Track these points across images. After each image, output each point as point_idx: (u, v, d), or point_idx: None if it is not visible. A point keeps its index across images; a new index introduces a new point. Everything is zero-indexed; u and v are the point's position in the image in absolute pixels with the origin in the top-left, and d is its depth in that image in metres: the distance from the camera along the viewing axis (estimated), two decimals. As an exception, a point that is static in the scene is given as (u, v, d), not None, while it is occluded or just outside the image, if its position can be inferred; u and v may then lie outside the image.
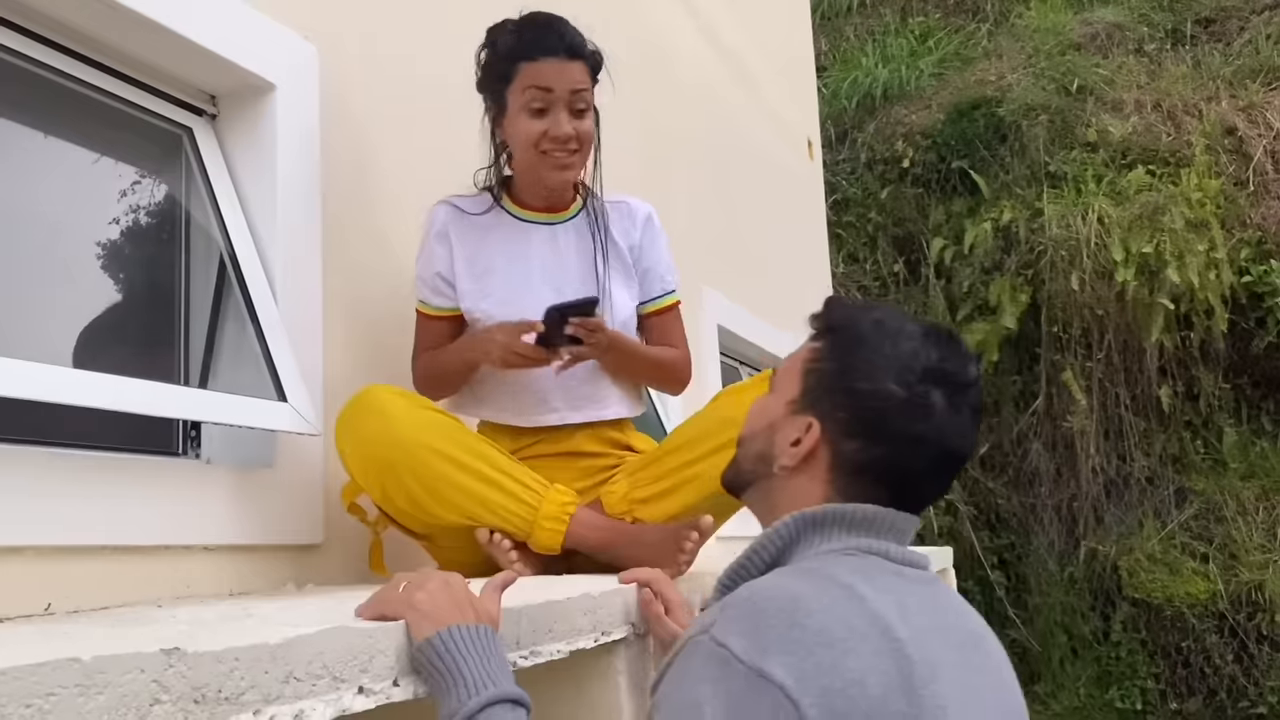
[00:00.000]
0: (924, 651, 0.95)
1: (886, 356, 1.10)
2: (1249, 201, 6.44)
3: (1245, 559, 5.65)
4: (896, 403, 1.08)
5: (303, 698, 0.86)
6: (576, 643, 1.29)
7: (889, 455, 1.09)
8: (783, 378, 1.19)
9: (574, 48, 1.70)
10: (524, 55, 1.69)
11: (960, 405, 1.10)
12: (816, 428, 1.11)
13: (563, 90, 1.68)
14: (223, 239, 1.66)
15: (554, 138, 1.69)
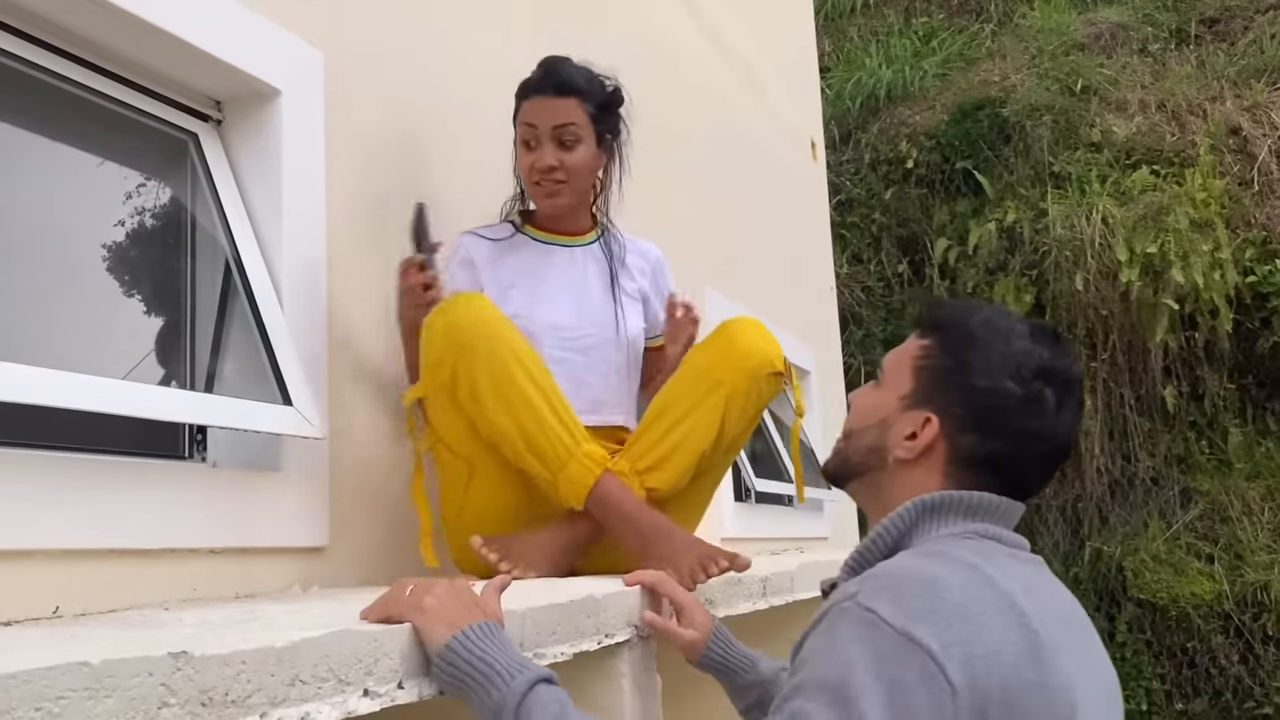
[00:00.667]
0: (1047, 627, 1.02)
1: (1001, 354, 1.15)
2: (1253, 201, 6.44)
3: (1251, 559, 5.65)
4: (1014, 400, 1.14)
5: (308, 700, 0.87)
6: (580, 645, 1.30)
7: (1005, 449, 1.14)
8: (892, 373, 1.23)
9: (562, 85, 1.83)
10: (523, 94, 1.87)
11: (1068, 401, 1.16)
12: (935, 422, 1.16)
13: (545, 126, 1.83)
14: (228, 244, 1.67)
15: (538, 169, 1.84)
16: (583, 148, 1.85)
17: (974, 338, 1.18)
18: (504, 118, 1.96)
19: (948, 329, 1.21)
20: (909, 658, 0.96)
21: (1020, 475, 1.16)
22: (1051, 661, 1.00)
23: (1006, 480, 1.16)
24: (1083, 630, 1.12)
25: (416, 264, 1.72)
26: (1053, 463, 1.19)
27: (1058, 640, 1.02)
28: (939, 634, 0.97)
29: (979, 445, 1.15)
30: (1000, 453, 1.15)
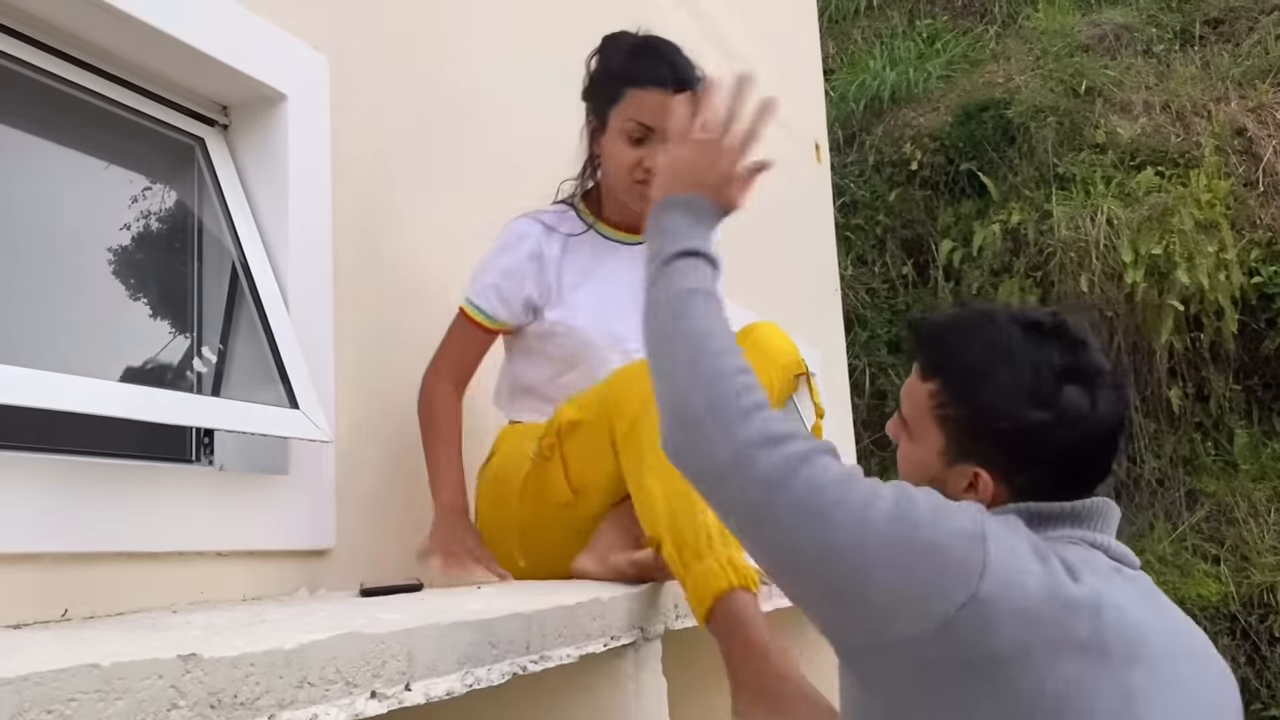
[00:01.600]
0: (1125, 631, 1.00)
1: (1012, 385, 1.10)
2: (1259, 202, 6.43)
3: (1257, 561, 5.63)
4: (1047, 425, 1.09)
5: (316, 702, 0.87)
6: (586, 647, 1.30)
7: (1064, 464, 1.11)
8: (917, 425, 1.18)
9: (683, 81, 1.69)
10: (633, 80, 1.72)
11: (1099, 387, 1.10)
12: (985, 475, 1.12)
13: (663, 125, 1.66)
14: (235, 248, 1.67)
15: (649, 169, 1.68)
16: None
17: (977, 374, 1.12)
18: (508, 119, 1.97)
19: (948, 372, 1.16)
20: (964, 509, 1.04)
21: (1092, 470, 1.13)
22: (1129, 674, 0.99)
23: (1082, 480, 1.13)
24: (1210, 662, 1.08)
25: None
26: (1115, 441, 1.14)
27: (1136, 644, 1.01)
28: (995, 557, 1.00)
29: (1036, 475, 1.12)
30: (1061, 469, 1.12)
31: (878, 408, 6.97)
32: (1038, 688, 0.97)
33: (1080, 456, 1.12)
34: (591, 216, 1.84)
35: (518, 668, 1.15)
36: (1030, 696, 0.97)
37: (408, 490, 1.87)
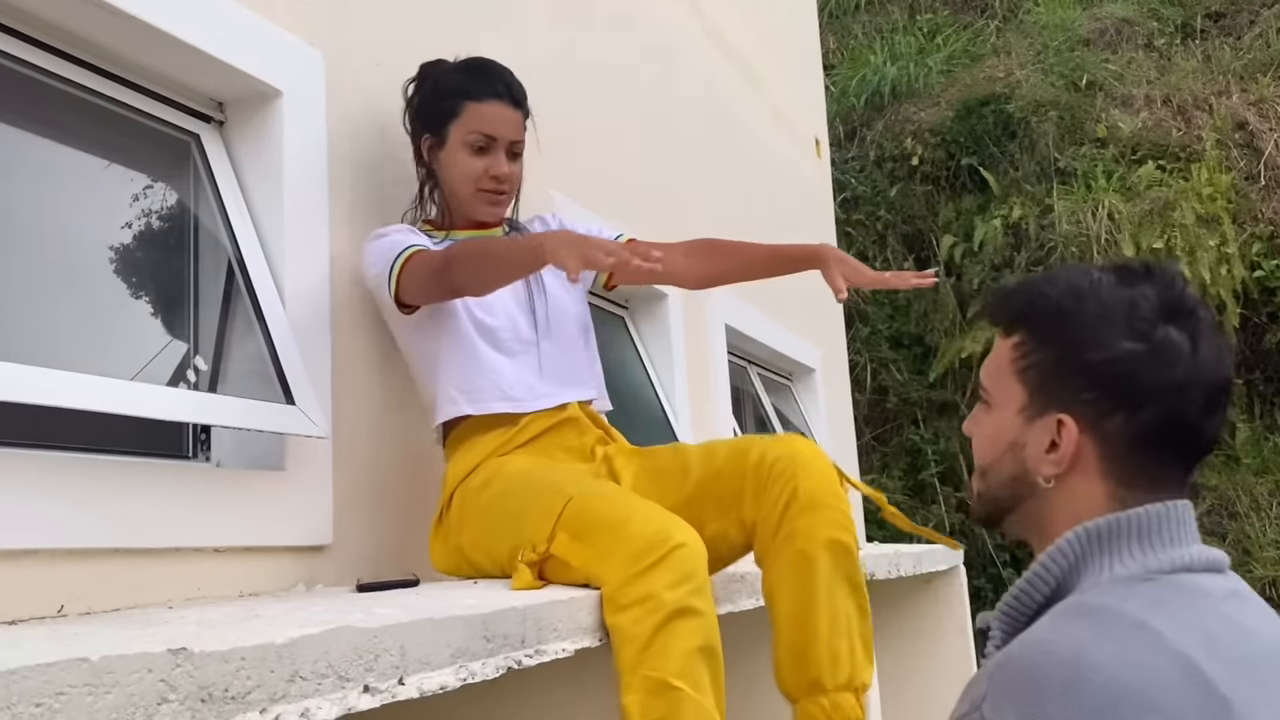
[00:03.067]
0: (1239, 689, 0.85)
1: (1103, 317, 1.00)
2: (1260, 196, 6.42)
3: (1259, 555, 5.63)
4: (1141, 357, 0.98)
5: (308, 696, 0.88)
6: (582, 642, 1.30)
7: (1157, 414, 0.98)
8: (996, 388, 1.08)
9: (518, 98, 1.82)
10: (471, 95, 1.80)
11: (1198, 331, 1.00)
12: (1070, 422, 1.01)
13: (506, 138, 1.80)
14: (230, 244, 1.68)
15: (494, 176, 1.79)
16: (521, 161, 1.85)
17: (1066, 313, 1.03)
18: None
19: (1033, 316, 1.06)
20: None
21: (1189, 434, 0.99)
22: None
23: (1176, 446, 1.00)
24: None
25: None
26: (1217, 403, 1.01)
27: (1255, 701, 0.86)
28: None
29: (1128, 423, 0.98)
30: (1154, 421, 0.98)
31: (879, 403, 6.97)
32: None
33: (1179, 405, 0.98)
34: (441, 233, 1.84)
35: (512, 662, 1.16)
36: None
37: (405, 486, 1.88)
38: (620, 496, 1.54)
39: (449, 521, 1.71)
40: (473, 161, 1.79)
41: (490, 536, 1.61)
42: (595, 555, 1.40)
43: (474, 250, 1.66)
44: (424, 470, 1.93)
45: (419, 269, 1.67)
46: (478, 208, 1.82)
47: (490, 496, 1.65)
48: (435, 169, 1.84)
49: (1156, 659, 0.85)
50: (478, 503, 1.66)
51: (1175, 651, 0.86)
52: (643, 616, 1.31)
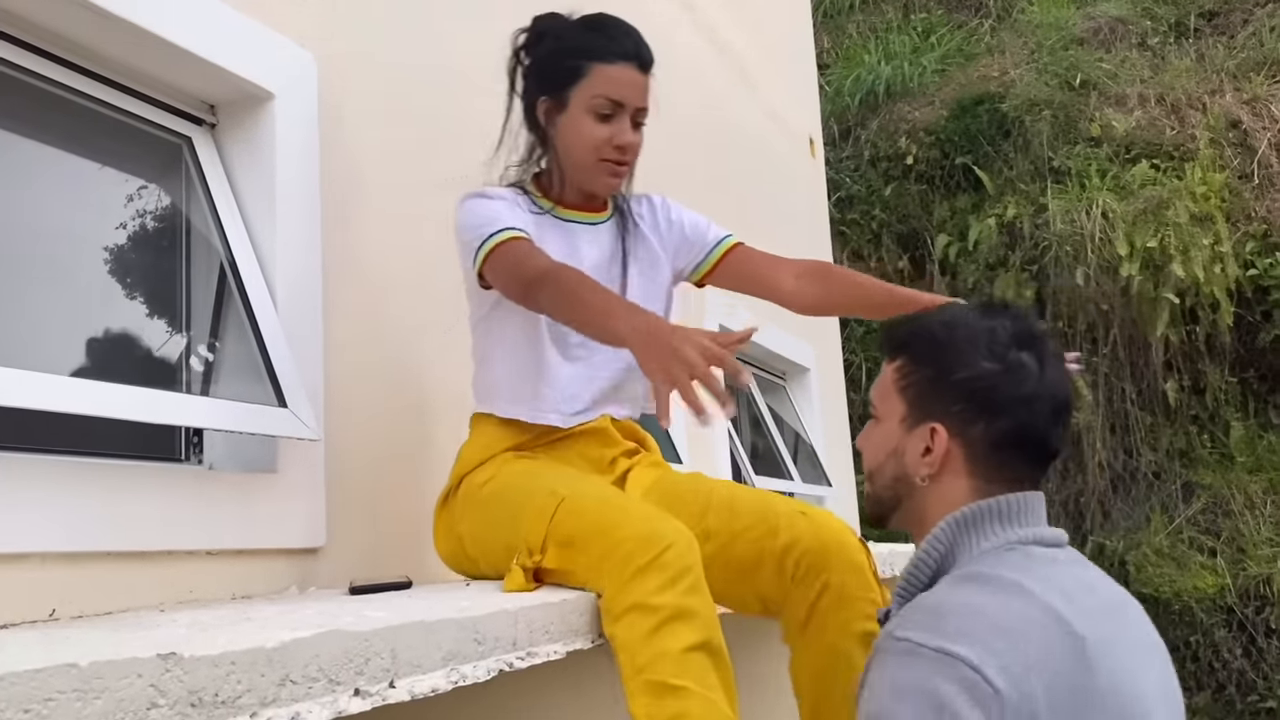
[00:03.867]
0: (1094, 629, 1.07)
1: (968, 342, 1.22)
2: (1253, 194, 6.44)
3: (1253, 553, 5.64)
4: (998, 375, 1.19)
5: (299, 700, 0.88)
6: (574, 644, 1.30)
7: (1012, 423, 1.19)
8: (882, 404, 1.30)
9: (646, 61, 1.68)
10: (597, 56, 1.65)
11: (1046, 357, 1.22)
12: (941, 430, 1.21)
13: (633, 104, 1.66)
14: (223, 247, 1.67)
15: (619, 145, 1.66)
16: (642, 130, 1.71)
17: (939, 340, 1.25)
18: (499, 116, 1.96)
19: (913, 343, 1.28)
20: (948, 669, 1.01)
21: (1038, 441, 1.21)
22: (1101, 662, 1.05)
23: (1028, 452, 1.21)
24: (1125, 620, 1.15)
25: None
26: (1061, 418, 1.22)
27: (1106, 640, 1.07)
28: (976, 647, 1.02)
29: (988, 430, 1.20)
30: (1009, 428, 1.20)
31: (874, 402, 6.95)
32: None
33: (1029, 416, 1.19)
34: (547, 201, 1.73)
35: (504, 664, 1.16)
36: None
37: (399, 488, 1.88)
38: (615, 499, 1.50)
39: (453, 507, 1.67)
40: (596, 128, 1.66)
41: (486, 532, 1.59)
42: (588, 563, 1.38)
43: (570, 291, 1.48)
44: (418, 471, 1.93)
45: (510, 263, 1.57)
46: (597, 179, 1.70)
47: (490, 491, 1.62)
48: (551, 134, 1.71)
49: (1029, 608, 1.07)
50: (479, 495, 1.63)
51: (1043, 603, 1.07)
52: (637, 622, 1.28)
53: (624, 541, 1.35)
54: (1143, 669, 1.11)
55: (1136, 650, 1.12)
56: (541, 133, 1.72)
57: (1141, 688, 1.09)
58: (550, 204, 1.73)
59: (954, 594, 1.12)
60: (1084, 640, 1.05)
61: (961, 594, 1.11)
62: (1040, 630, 1.04)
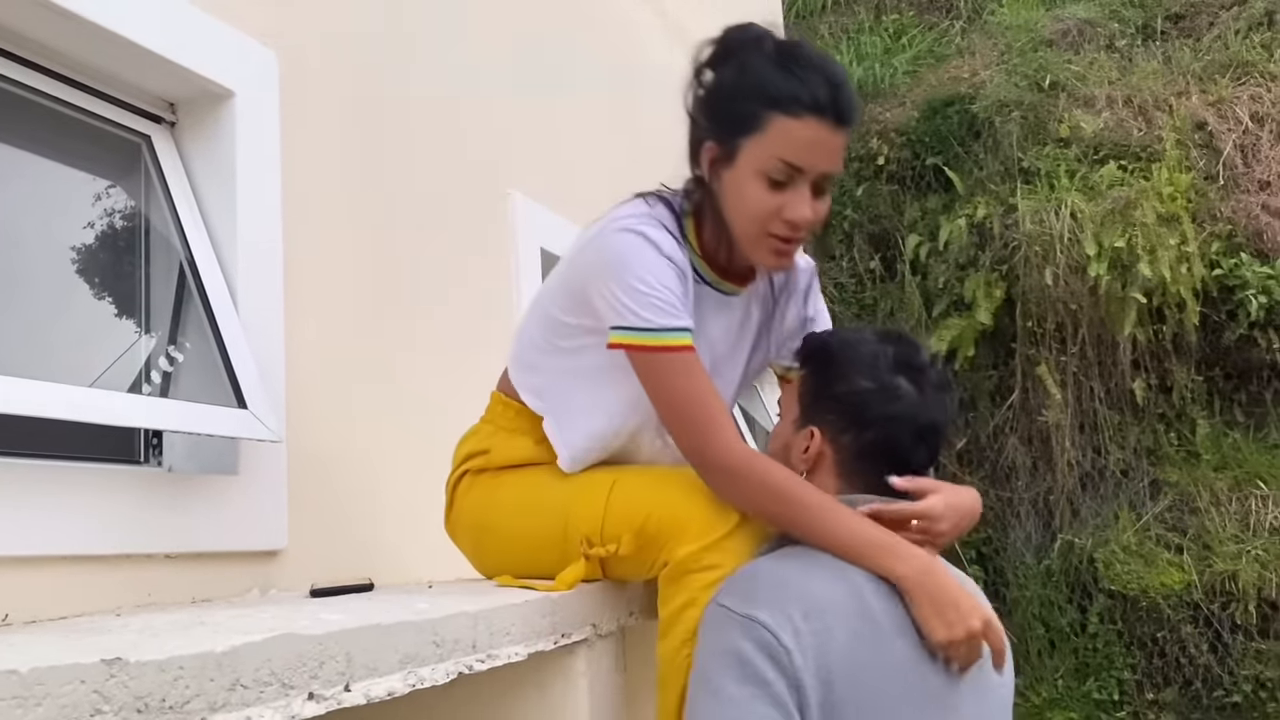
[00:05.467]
0: (892, 617, 1.20)
1: (852, 361, 1.36)
2: (1219, 195, 6.50)
3: (1219, 549, 5.70)
4: (870, 393, 1.33)
5: (250, 705, 0.87)
6: (536, 645, 1.30)
7: (877, 436, 1.32)
8: (786, 406, 1.45)
9: (845, 113, 1.32)
10: (784, 106, 1.30)
11: (922, 385, 1.34)
12: (818, 434, 1.35)
13: (817, 169, 1.33)
14: (182, 247, 1.66)
15: (790, 220, 1.33)
16: (829, 194, 1.39)
17: (832, 356, 1.39)
18: (461, 114, 1.95)
19: (814, 357, 1.43)
20: (747, 631, 1.16)
21: (899, 458, 1.33)
22: (889, 644, 1.19)
23: (889, 463, 1.33)
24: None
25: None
26: (926, 441, 1.35)
27: (904, 629, 1.21)
28: (774, 612, 1.16)
29: (855, 440, 1.34)
30: (874, 440, 1.33)
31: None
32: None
33: (894, 434, 1.32)
34: (699, 257, 1.44)
35: (464, 667, 1.15)
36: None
37: (363, 489, 1.86)
38: (670, 473, 1.40)
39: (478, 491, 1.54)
40: (765, 197, 1.33)
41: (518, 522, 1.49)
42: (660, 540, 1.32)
43: (814, 523, 1.27)
44: (382, 473, 1.92)
45: (682, 401, 1.33)
46: (759, 253, 1.38)
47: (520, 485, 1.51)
48: (714, 187, 1.39)
49: (835, 587, 1.21)
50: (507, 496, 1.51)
51: (852, 582, 1.21)
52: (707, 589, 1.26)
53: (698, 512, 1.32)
54: (949, 670, 1.22)
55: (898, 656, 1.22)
56: (702, 179, 1.42)
57: (945, 686, 1.21)
58: (706, 268, 1.44)
59: (774, 566, 1.25)
60: (879, 625, 1.19)
61: (779, 567, 1.24)
62: (840, 606, 1.19)
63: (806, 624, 1.16)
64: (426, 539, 1.98)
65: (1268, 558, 5.50)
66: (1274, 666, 5.36)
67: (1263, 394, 6.27)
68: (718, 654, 1.18)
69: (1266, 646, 5.39)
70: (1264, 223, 6.38)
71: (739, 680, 1.14)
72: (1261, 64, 7.03)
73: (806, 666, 1.14)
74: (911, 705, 1.20)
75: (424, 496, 1.99)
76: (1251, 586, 5.43)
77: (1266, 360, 6.16)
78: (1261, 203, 6.47)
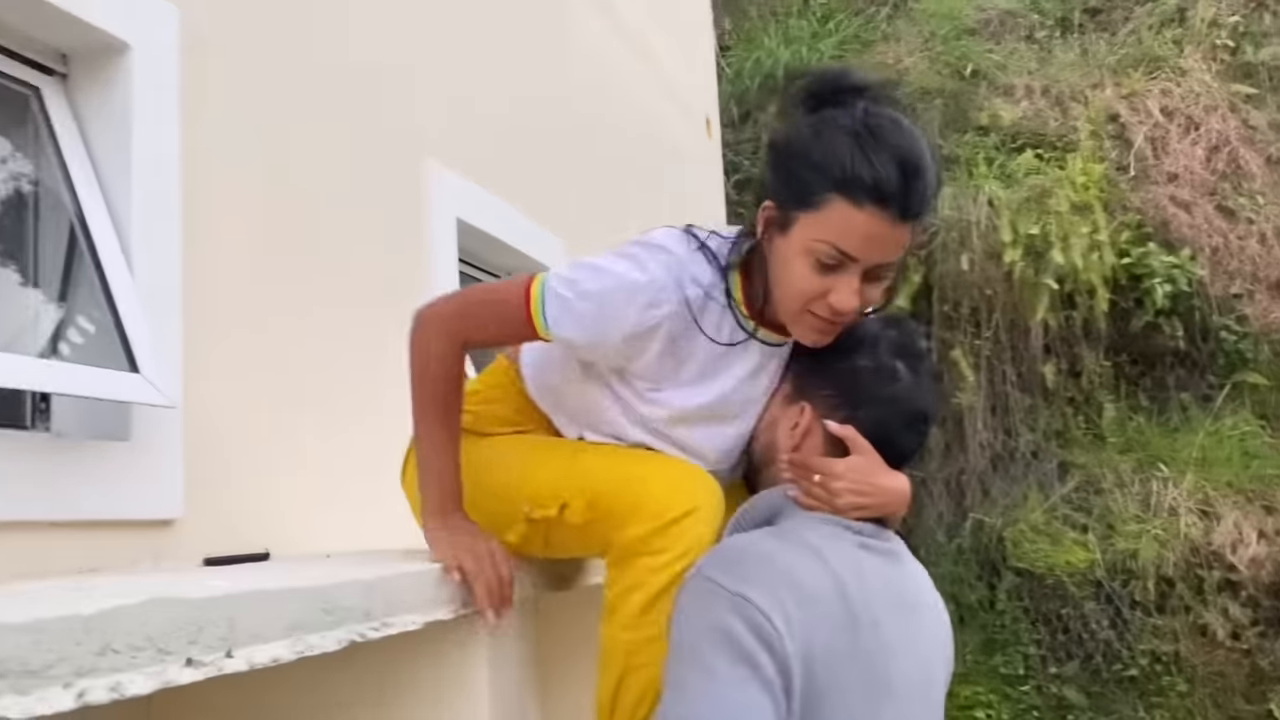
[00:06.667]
0: (870, 609, 1.19)
1: (854, 339, 1.30)
2: (1130, 186, 6.69)
3: (1121, 529, 5.89)
4: (868, 373, 1.29)
5: (121, 670, 0.84)
6: (433, 614, 1.28)
7: (869, 418, 1.29)
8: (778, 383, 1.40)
9: (912, 208, 1.20)
10: (845, 188, 1.19)
11: (919, 371, 1.32)
12: (809, 408, 1.31)
13: (868, 260, 1.22)
14: (73, 204, 1.59)
15: (834, 307, 1.24)
16: (889, 277, 1.28)
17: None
18: (372, 72, 1.90)
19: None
20: (739, 610, 1.12)
21: (889, 442, 1.30)
22: (867, 635, 1.17)
23: (877, 445, 1.29)
24: (912, 616, 1.27)
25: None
26: (917, 427, 1.32)
27: (879, 621, 1.19)
28: (768, 593, 1.13)
29: (846, 419, 1.29)
30: (865, 420, 1.29)
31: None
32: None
33: (885, 417, 1.29)
34: (751, 320, 1.35)
35: (356, 635, 1.13)
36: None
37: (264, 457, 1.82)
38: (640, 452, 1.40)
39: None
40: (811, 279, 1.23)
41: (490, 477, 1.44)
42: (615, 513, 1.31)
43: (429, 397, 1.34)
44: (285, 440, 1.87)
45: (459, 335, 1.35)
46: (797, 330, 1.31)
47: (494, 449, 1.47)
48: (766, 249, 1.29)
49: (819, 570, 1.18)
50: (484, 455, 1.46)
51: (833, 571, 1.19)
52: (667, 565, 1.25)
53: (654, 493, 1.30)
54: (908, 662, 1.22)
55: (911, 645, 1.24)
56: (759, 236, 1.31)
57: (899, 679, 1.20)
58: (754, 326, 1.35)
59: (760, 542, 1.23)
60: (857, 615, 1.17)
61: (766, 544, 1.22)
62: (824, 593, 1.16)
63: (798, 610, 1.13)
64: (329, 509, 1.95)
65: (1166, 537, 5.70)
66: (1169, 641, 5.57)
67: (1166, 379, 6.49)
68: (706, 630, 1.13)
69: (1163, 622, 5.60)
70: (1171, 214, 6.58)
71: (732, 660, 1.10)
72: (1172, 59, 7.24)
73: (795, 652, 1.11)
74: (878, 698, 1.18)
75: (327, 466, 1.96)
76: (1150, 565, 5.63)
77: (1170, 347, 6.38)
78: (1169, 194, 6.67)
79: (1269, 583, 5.52)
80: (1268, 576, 5.51)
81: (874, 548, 1.28)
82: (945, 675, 1.33)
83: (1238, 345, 6.36)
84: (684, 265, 1.31)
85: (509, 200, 2.87)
